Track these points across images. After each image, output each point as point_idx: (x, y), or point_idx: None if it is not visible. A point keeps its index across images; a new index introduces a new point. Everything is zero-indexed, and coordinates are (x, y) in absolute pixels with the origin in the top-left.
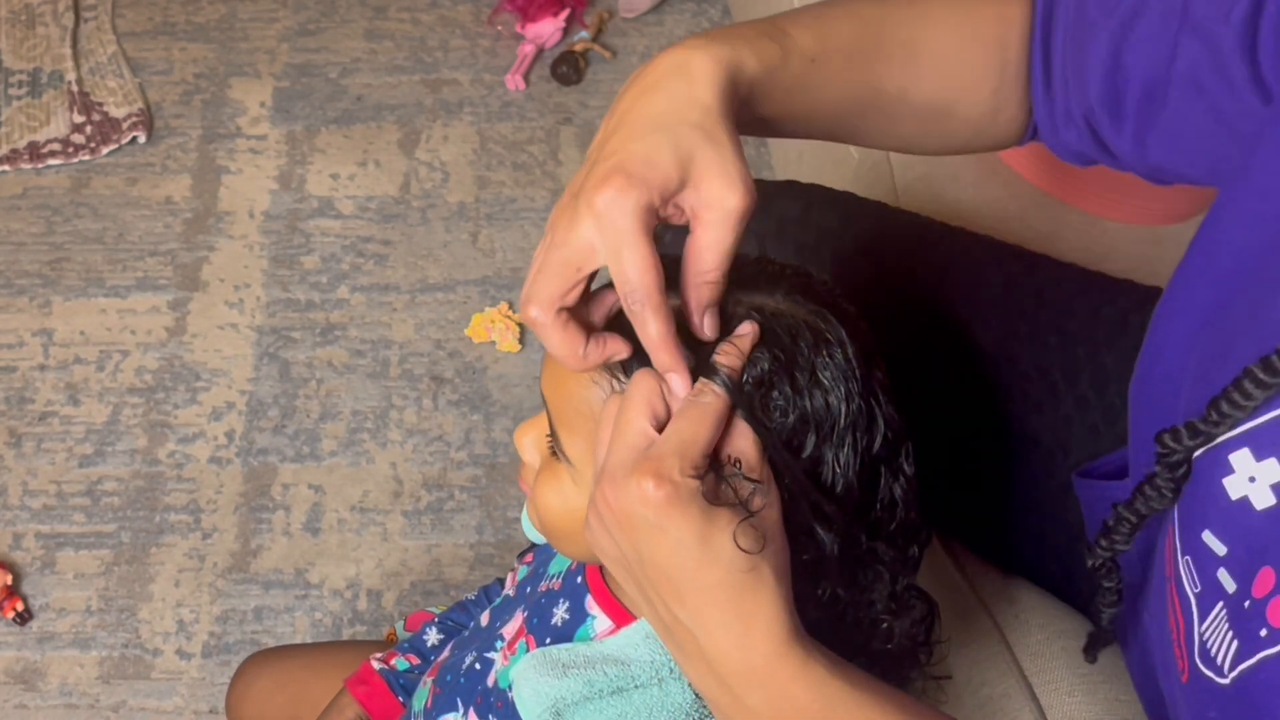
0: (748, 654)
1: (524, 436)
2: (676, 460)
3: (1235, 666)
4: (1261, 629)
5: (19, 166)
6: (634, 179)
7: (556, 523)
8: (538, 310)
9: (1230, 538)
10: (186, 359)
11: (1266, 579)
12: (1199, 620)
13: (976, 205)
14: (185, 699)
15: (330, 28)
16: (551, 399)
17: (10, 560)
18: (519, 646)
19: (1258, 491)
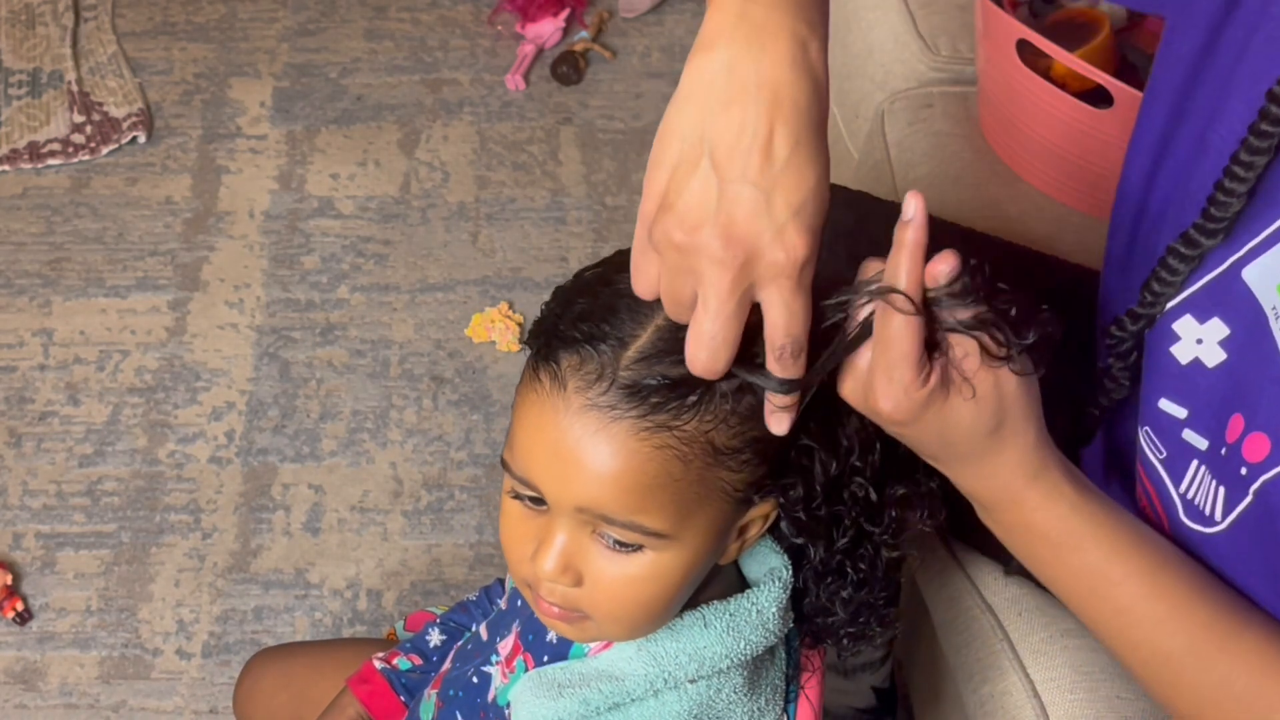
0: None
1: (558, 569)
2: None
3: (1229, 512)
4: (1241, 468)
5: (19, 166)
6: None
7: (657, 603)
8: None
9: (1189, 400)
10: (186, 359)
11: (1236, 424)
12: (1173, 483)
13: (977, 206)
14: (185, 699)
15: (330, 28)
16: (607, 497)
17: (10, 560)
18: (517, 664)
19: (1207, 351)
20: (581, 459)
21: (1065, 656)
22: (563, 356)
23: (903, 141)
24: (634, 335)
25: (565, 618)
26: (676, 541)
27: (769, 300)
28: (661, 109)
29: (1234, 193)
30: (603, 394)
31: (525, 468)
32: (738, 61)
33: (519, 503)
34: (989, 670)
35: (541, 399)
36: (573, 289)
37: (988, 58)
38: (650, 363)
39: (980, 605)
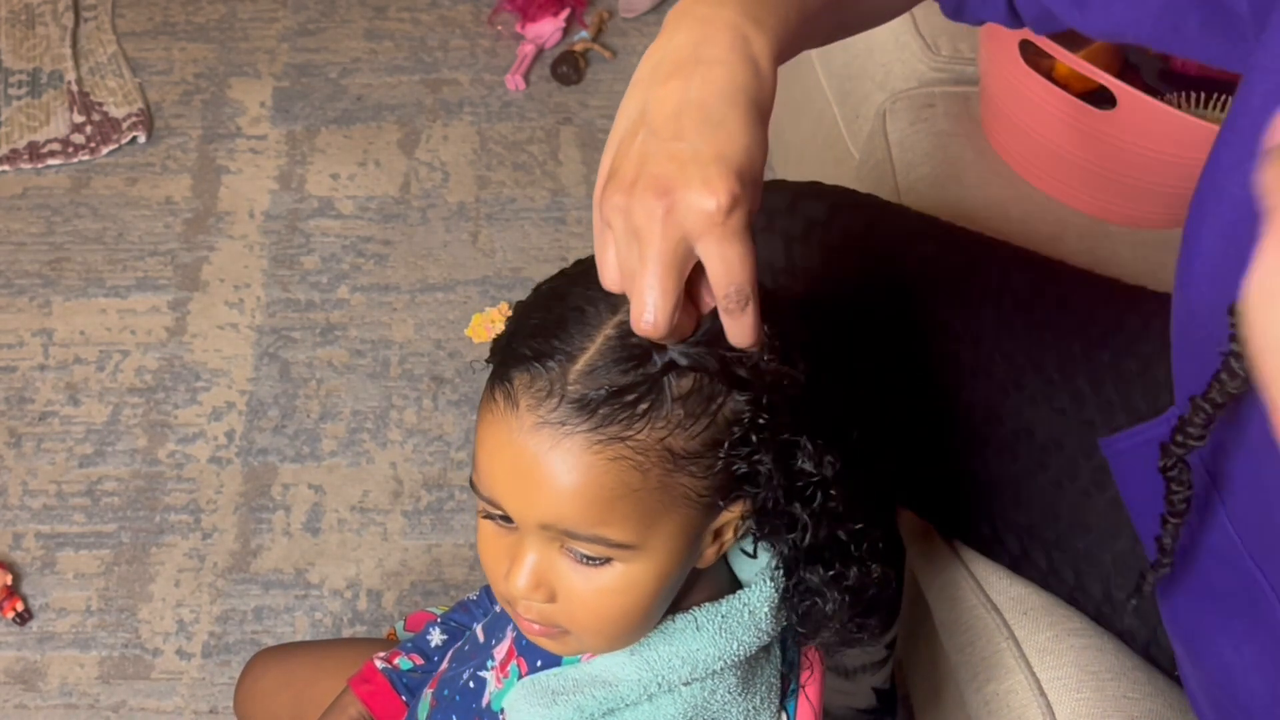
0: None
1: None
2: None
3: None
4: None
5: (19, 166)
6: (744, 185)
7: (633, 613)
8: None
9: None
10: (186, 359)
11: None
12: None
13: (978, 207)
14: (185, 699)
15: (330, 28)
16: (568, 512)
17: (10, 560)
18: (511, 669)
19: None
20: (539, 477)
21: (1072, 656)
22: (515, 375)
23: (904, 141)
24: (582, 348)
25: (546, 633)
26: (644, 551)
27: (704, 253)
28: None
29: None
30: (553, 410)
31: (489, 488)
32: (680, 46)
33: (491, 522)
34: (994, 669)
35: (497, 419)
36: (529, 304)
37: (990, 58)
38: (598, 374)
39: (985, 604)
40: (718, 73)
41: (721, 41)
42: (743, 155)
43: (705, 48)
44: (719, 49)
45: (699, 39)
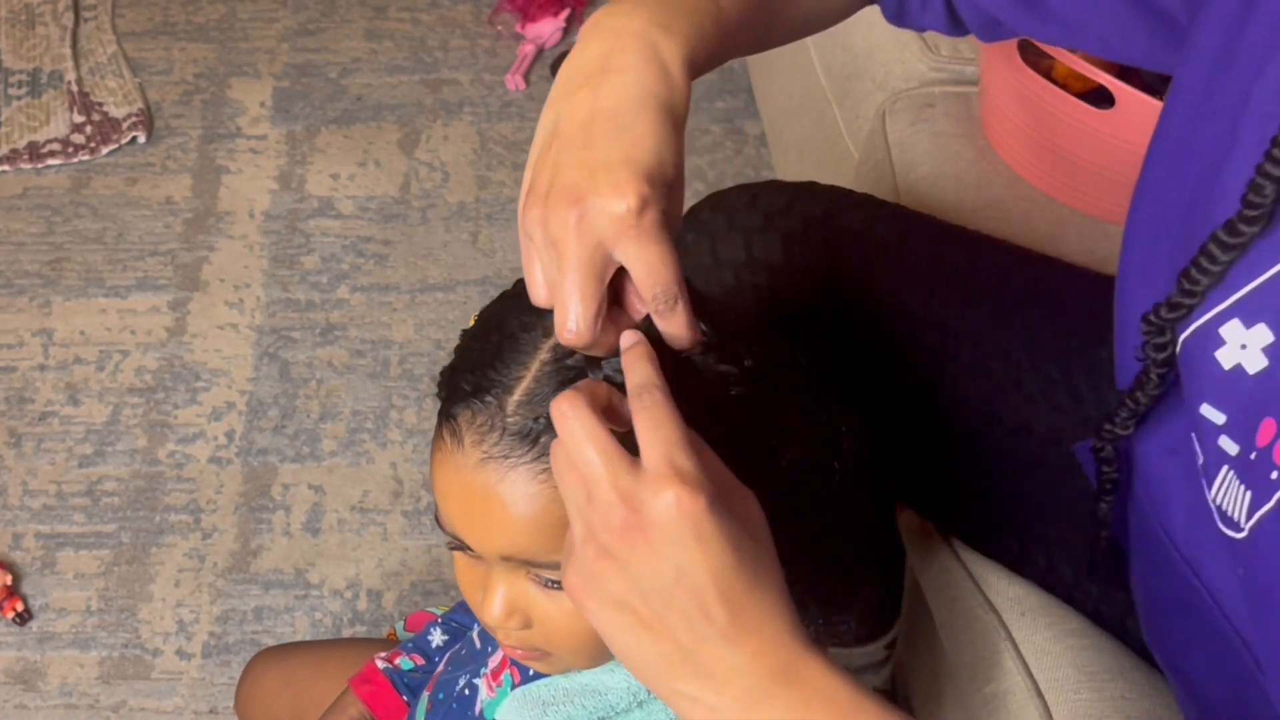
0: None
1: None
2: (685, 459)
3: (1251, 516)
4: (1272, 472)
5: (19, 166)
6: (654, 187)
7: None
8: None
9: (1229, 405)
10: (186, 359)
11: (1268, 429)
12: (1207, 489)
13: (977, 207)
14: (185, 699)
15: (330, 28)
16: (524, 542)
17: (10, 560)
18: (504, 678)
19: (1249, 357)
20: (491, 511)
21: (1069, 657)
22: (458, 411)
23: (904, 141)
24: (518, 378)
25: (529, 656)
26: None
27: (624, 257)
28: None
29: (1272, 176)
30: (495, 444)
31: (449, 525)
32: (590, 58)
33: (461, 553)
34: (992, 670)
35: (446, 457)
36: (470, 334)
37: (989, 58)
38: (535, 404)
39: (983, 605)
40: (626, 80)
41: (629, 50)
42: (651, 157)
43: (614, 57)
44: (627, 57)
45: (608, 50)
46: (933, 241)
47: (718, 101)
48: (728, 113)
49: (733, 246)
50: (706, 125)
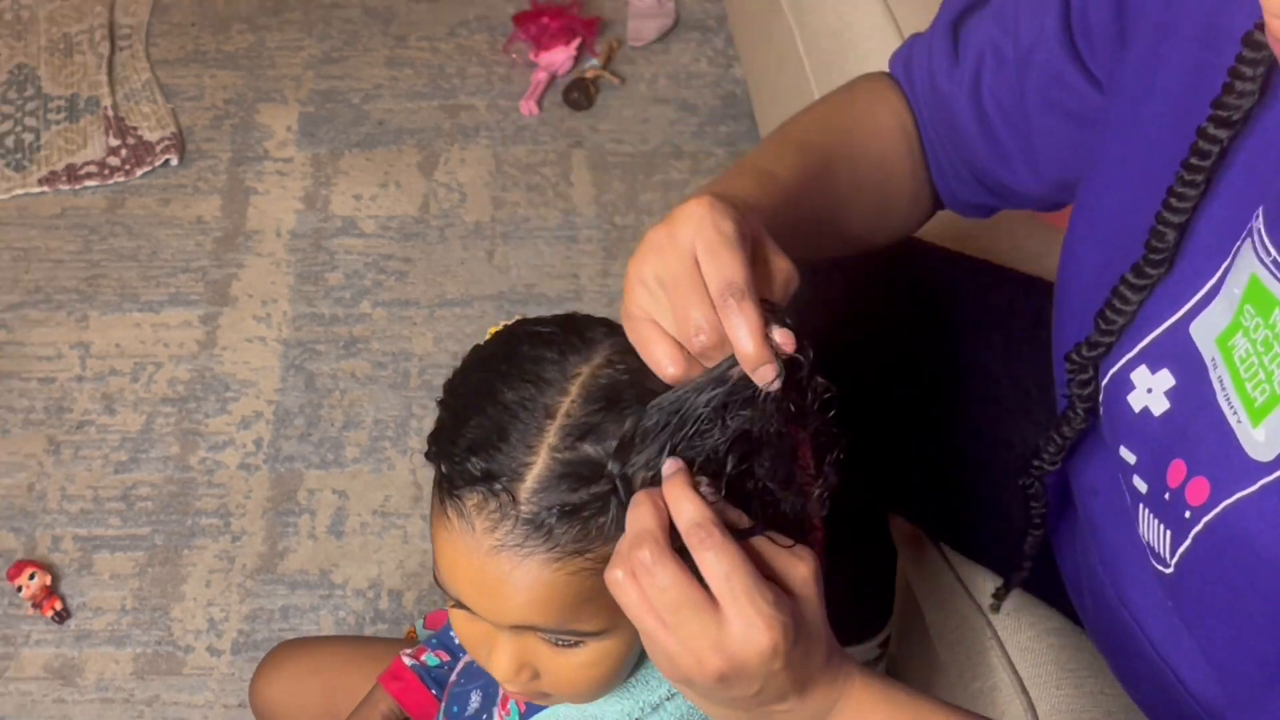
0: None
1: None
2: (761, 597)
3: (1174, 553)
4: (1185, 512)
5: (57, 188)
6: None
7: (611, 676)
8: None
9: (1139, 447)
10: (216, 370)
11: (1178, 470)
12: (1137, 526)
13: (967, 226)
14: (215, 694)
15: (353, 56)
16: (537, 618)
17: (49, 562)
18: (511, 706)
19: (1154, 400)
20: (503, 592)
21: (1051, 654)
22: (465, 494)
23: None
24: (527, 464)
25: (529, 698)
26: (615, 631)
27: (705, 253)
28: (668, 133)
29: (1170, 223)
30: (509, 533)
31: (455, 593)
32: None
33: (462, 610)
34: (979, 667)
35: (454, 537)
36: (462, 397)
37: None
38: (549, 493)
39: (970, 605)
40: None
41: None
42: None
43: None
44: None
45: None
46: (940, 269)
47: (722, 126)
48: (731, 136)
49: None
50: (711, 149)
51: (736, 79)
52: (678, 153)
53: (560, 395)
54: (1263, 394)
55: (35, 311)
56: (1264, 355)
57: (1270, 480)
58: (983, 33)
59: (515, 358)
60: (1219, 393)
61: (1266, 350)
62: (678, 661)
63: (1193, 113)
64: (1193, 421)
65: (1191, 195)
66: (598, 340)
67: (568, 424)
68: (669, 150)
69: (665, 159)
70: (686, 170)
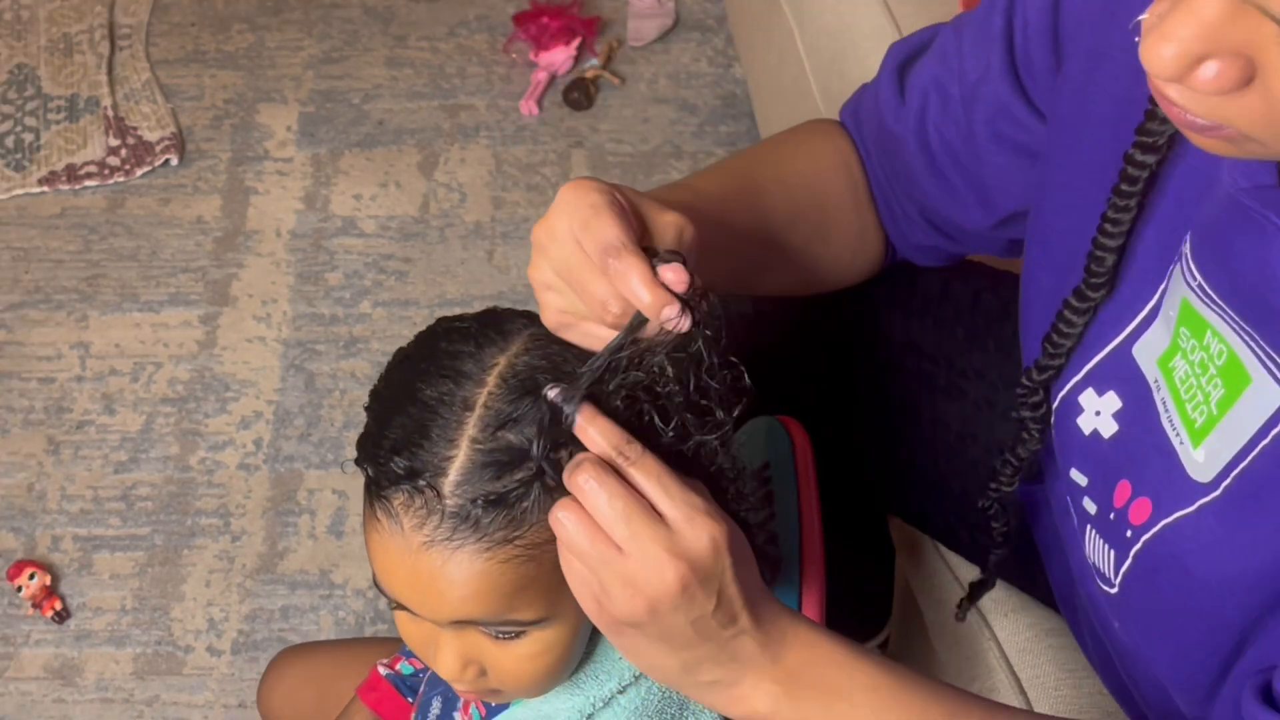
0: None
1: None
2: (695, 497)
3: (1118, 573)
4: (1127, 531)
5: (57, 188)
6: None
7: (557, 666)
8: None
9: (1088, 469)
10: (216, 370)
11: (1124, 491)
12: (1084, 547)
13: None
14: (215, 693)
15: (353, 56)
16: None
17: (49, 562)
18: (472, 712)
19: (1103, 423)
20: (438, 588)
21: (1050, 655)
22: (391, 495)
23: None
24: (448, 458)
25: (483, 698)
26: (555, 619)
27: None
28: (668, 133)
29: (1107, 247)
30: (437, 528)
31: (392, 594)
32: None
33: (404, 612)
34: (977, 668)
35: (385, 538)
36: (384, 400)
37: None
38: (472, 484)
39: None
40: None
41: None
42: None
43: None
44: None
45: None
46: (912, 269)
47: (721, 126)
48: (731, 136)
49: None
50: (711, 149)
51: (736, 79)
52: (678, 153)
53: (478, 387)
54: (1201, 415)
55: (35, 311)
56: (1200, 377)
57: (1208, 501)
58: (927, 74)
59: (434, 355)
60: (1162, 414)
61: (1203, 372)
62: (640, 582)
63: (1123, 139)
64: (1139, 443)
65: (1124, 220)
66: (515, 331)
67: (486, 415)
68: (669, 150)
69: (665, 159)
70: (686, 170)
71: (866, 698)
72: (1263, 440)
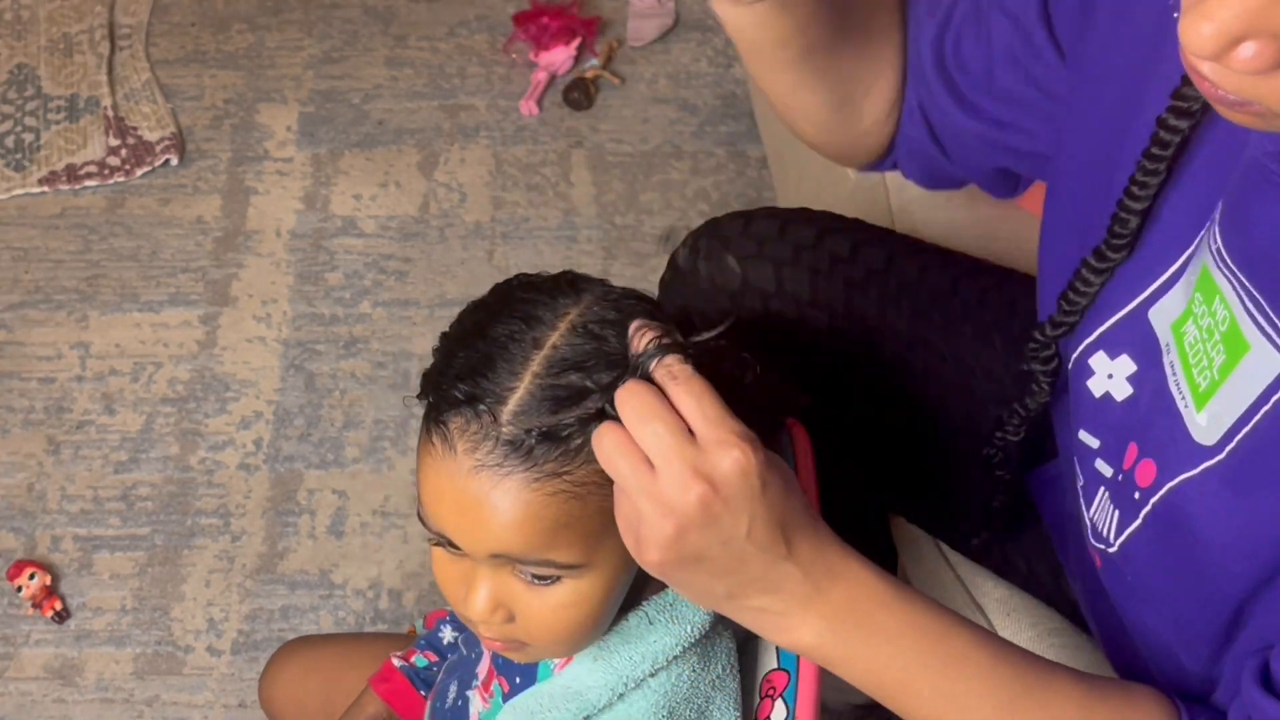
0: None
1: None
2: (732, 422)
3: (1121, 533)
4: (1134, 493)
5: (57, 188)
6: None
7: (587, 622)
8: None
9: (1100, 431)
10: (216, 370)
11: (1132, 453)
12: (1086, 507)
13: (967, 224)
14: (215, 693)
15: (353, 56)
16: (515, 544)
17: (49, 562)
18: (494, 688)
19: (1116, 385)
20: (482, 515)
21: (1052, 655)
22: (449, 418)
23: None
24: (510, 389)
25: (506, 648)
26: (591, 568)
27: None
28: (668, 133)
29: (1132, 210)
30: (489, 453)
31: (437, 524)
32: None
33: (442, 549)
34: None
35: (436, 462)
36: (455, 338)
37: None
38: (529, 416)
39: (970, 605)
40: None
41: None
42: None
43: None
44: None
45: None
46: (919, 265)
47: (721, 126)
48: (731, 136)
49: (727, 273)
50: (711, 149)
51: (736, 79)
52: (678, 153)
53: (549, 330)
54: (1205, 380)
55: (35, 311)
56: (1207, 342)
57: (1212, 464)
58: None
59: (508, 299)
60: (1170, 377)
61: (1209, 337)
62: (666, 500)
63: (1147, 103)
64: (1148, 406)
65: (1152, 184)
66: (590, 289)
67: (553, 355)
68: (669, 150)
69: (665, 159)
70: (686, 170)
71: (913, 640)
72: (1264, 406)
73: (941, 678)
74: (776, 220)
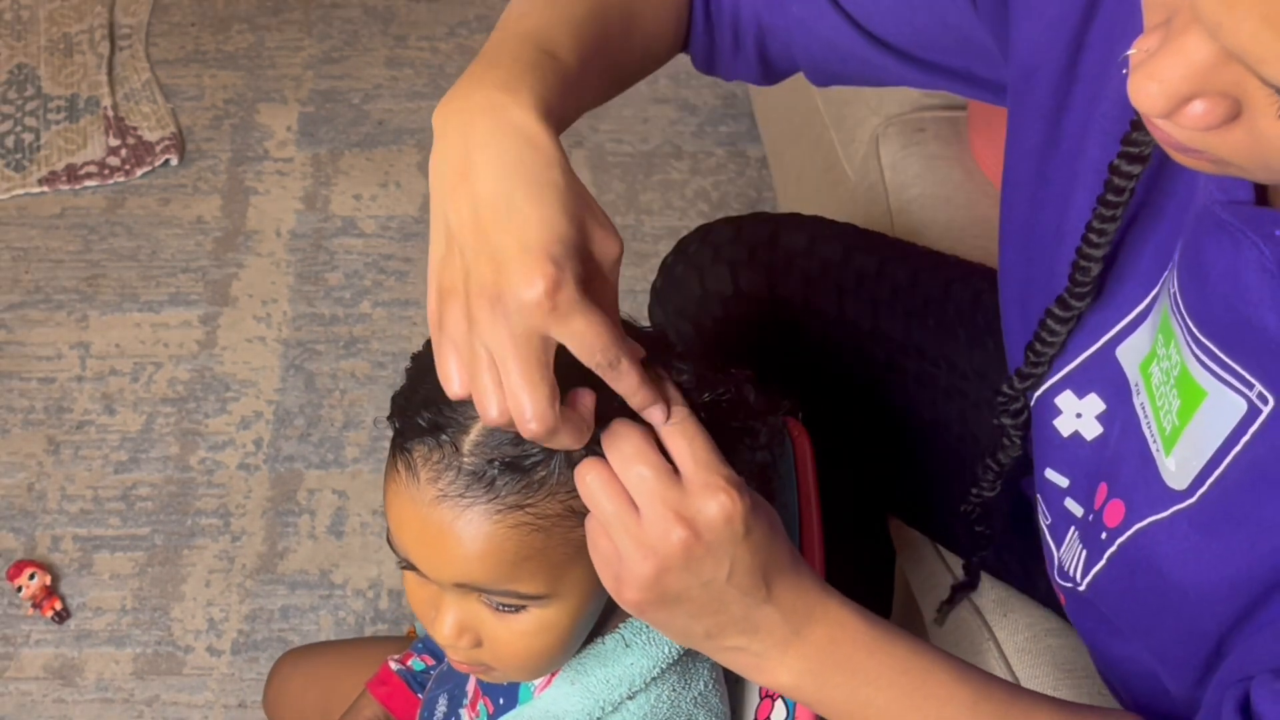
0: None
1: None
2: (721, 467)
3: (1086, 574)
4: (1102, 533)
5: (57, 188)
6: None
7: (554, 649)
8: (548, 427)
9: (1069, 470)
10: (216, 370)
11: (1102, 492)
12: (1055, 547)
13: (966, 225)
14: (215, 694)
15: (353, 56)
16: (478, 575)
17: (49, 561)
18: (480, 709)
19: (1085, 425)
20: (445, 545)
21: (1049, 655)
22: (413, 446)
23: (896, 164)
24: (473, 418)
25: (474, 670)
26: (557, 598)
27: (560, 337)
28: (668, 133)
29: (1091, 257)
30: (451, 483)
31: (402, 550)
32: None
33: (412, 573)
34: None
35: (401, 489)
36: (423, 362)
37: None
38: (490, 446)
39: (968, 607)
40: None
41: (481, 128)
42: (545, 232)
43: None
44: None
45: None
46: (911, 269)
47: (721, 126)
48: (731, 136)
49: (719, 279)
50: (711, 149)
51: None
52: (678, 153)
53: None
54: (1169, 424)
55: (35, 311)
56: (1165, 385)
57: (1183, 507)
58: None
59: None
60: (1142, 419)
61: (1167, 380)
62: (648, 541)
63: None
64: (1118, 445)
65: (1110, 230)
66: None
67: None
68: (669, 150)
69: (665, 159)
70: (686, 170)
71: (892, 681)
72: (1233, 449)
73: (923, 717)
74: (768, 226)
